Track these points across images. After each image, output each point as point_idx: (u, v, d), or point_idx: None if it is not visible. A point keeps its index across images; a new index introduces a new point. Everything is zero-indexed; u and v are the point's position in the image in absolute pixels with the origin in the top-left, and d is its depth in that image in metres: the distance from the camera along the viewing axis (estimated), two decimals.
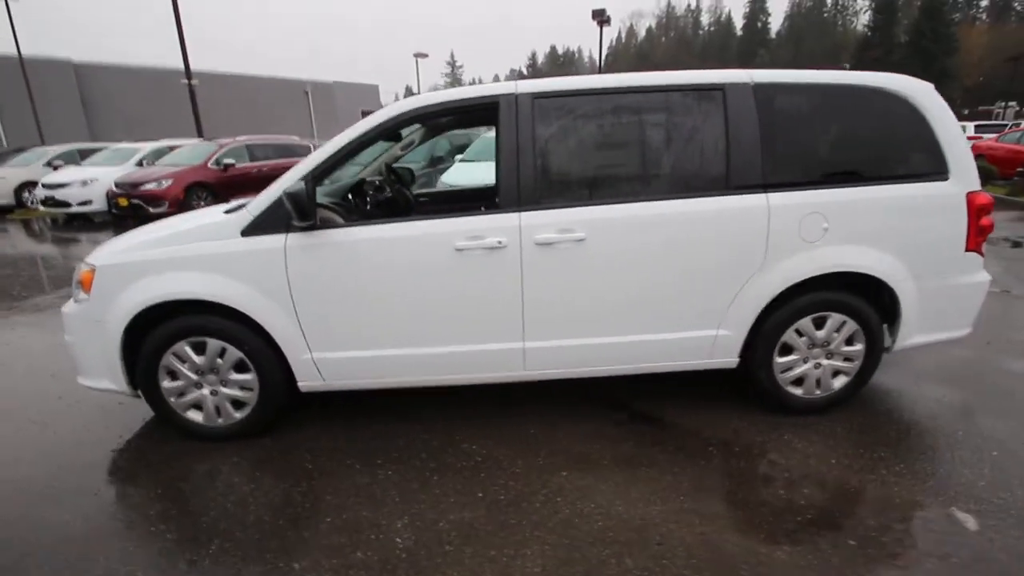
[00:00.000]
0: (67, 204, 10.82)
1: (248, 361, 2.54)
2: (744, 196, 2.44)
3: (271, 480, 2.40)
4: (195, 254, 2.45)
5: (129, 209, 10.00)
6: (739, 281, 2.51)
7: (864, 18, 67.15)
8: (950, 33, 51.34)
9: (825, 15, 79.76)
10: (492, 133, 9.11)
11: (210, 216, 2.71)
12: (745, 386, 2.90)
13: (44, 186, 11.12)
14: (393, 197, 3.61)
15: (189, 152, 11.27)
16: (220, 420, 2.66)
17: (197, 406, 2.65)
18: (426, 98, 2.53)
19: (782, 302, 2.56)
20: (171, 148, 12.29)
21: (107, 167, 11.55)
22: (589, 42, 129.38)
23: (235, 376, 2.59)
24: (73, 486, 2.40)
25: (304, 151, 12.19)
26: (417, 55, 32.76)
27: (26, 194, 12.75)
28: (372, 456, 2.54)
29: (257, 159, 11.31)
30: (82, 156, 13.42)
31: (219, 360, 2.55)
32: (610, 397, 3.02)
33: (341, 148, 2.48)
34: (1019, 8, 60.57)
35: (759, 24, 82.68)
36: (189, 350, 2.54)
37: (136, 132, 20.92)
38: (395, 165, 3.89)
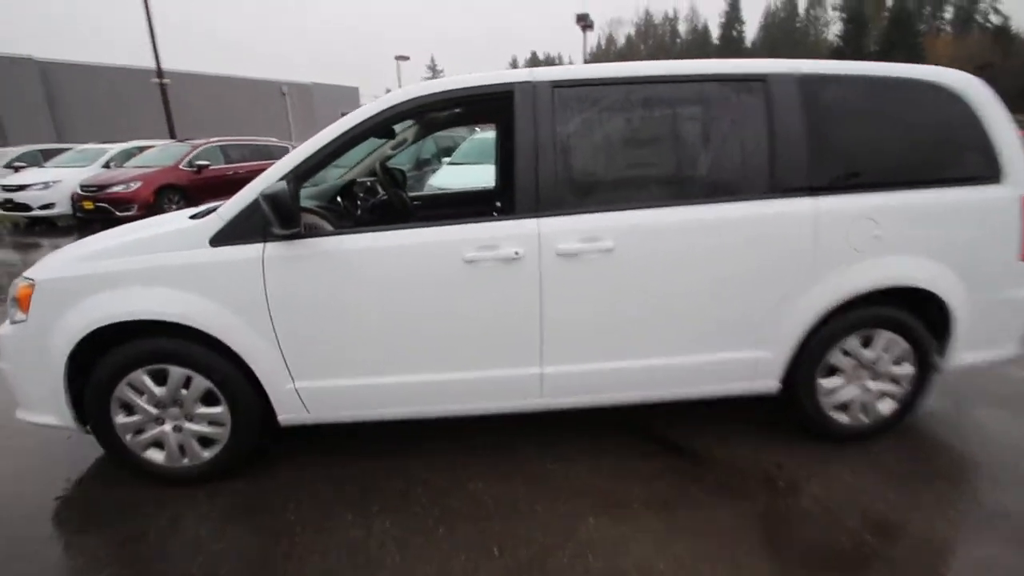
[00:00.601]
0: (28, 207, 10.18)
1: (218, 392, 2.17)
2: (790, 200, 2.16)
3: (246, 536, 2.02)
4: (152, 266, 2.07)
5: (95, 213, 9.42)
6: (785, 297, 2.22)
7: (835, 28, 68.97)
8: (917, 43, 52.93)
9: (798, 25, 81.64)
10: (482, 135, 8.82)
11: (172, 222, 2.34)
12: (784, 411, 2.62)
13: (3, 188, 10.42)
14: (389, 201, 3.23)
15: (160, 153, 10.74)
16: (185, 460, 2.27)
17: (157, 444, 2.26)
18: (428, 86, 2.19)
19: (828, 319, 2.29)
20: (141, 149, 11.71)
21: (72, 169, 10.95)
22: (569, 48, 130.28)
23: (202, 409, 2.21)
24: (12, 545, 2.00)
25: (282, 153, 11.70)
26: (399, 58, 32.29)
27: None
28: (366, 502, 2.18)
29: (232, 161, 10.84)
30: (45, 157, 12.76)
31: (183, 391, 2.18)
32: (634, 423, 2.70)
33: (328, 143, 2.14)
34: (980, 20, 62.90)
35: (735, 33, 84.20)
36: (147, 380, 2.16)
37: (104, 133, 20.02)
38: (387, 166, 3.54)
